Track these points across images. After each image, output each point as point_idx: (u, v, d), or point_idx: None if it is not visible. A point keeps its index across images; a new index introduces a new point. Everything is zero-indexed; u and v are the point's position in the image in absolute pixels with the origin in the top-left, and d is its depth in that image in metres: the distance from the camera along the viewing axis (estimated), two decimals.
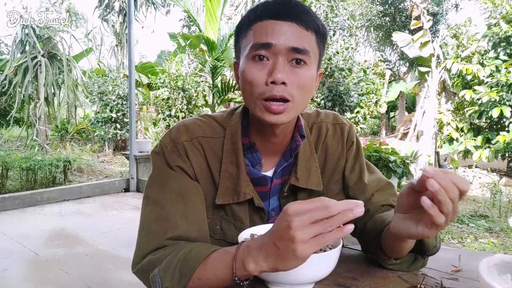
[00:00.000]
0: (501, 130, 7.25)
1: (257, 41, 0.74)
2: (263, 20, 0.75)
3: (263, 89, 0.74)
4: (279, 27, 0.73)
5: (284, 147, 0.87)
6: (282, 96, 0.73)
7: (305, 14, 0.75)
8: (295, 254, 0.56)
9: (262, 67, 0.74)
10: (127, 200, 5.14)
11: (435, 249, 0.80)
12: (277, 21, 0.74)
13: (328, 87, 7.12)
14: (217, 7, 7.43)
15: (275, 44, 0.73)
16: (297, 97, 0.75)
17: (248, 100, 0.78)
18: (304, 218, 0.55)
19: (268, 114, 0.75)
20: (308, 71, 0.76)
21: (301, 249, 0.55)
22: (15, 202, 4.54)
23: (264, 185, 0.87)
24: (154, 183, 0.83)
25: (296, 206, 0.56)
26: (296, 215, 0.55)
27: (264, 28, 0.74)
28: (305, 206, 0.56)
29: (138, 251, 0.78)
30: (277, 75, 0.72)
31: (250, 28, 0.77)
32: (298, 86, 0.75)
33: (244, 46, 0.78)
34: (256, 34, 0.75)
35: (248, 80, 0.75)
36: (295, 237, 0.55)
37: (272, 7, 0.75)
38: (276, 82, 0.72)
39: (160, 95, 7.95)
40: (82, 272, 2.79)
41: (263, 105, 0.75)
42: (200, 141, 0.85)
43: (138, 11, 12.77)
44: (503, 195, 4.96)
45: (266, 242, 0.60)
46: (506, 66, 7.30)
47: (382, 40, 14.31)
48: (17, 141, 9.08)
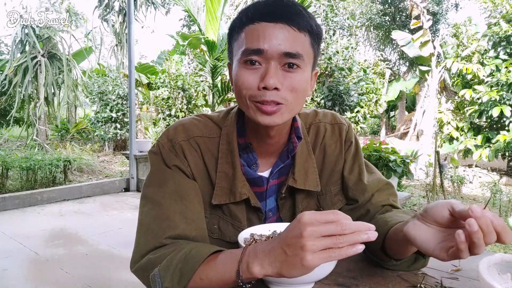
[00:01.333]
0: (501, 130, 7.26)
1: (249, 47, 0.73)
2: (254, 22, 0.73)
3: (255, 93, 0.73)
4: (271, 31, 0.72)
5: (280, 148, 0.87)
6: (274, 101, 0.73)
7: (297, 15, 0.73)
8: (302, 263, 0.56)
9: (254, 71, 0.73)
10: (127, 199, 5.14)
11: None
12: (268, 23, 0.72)
13: (328, 86, 7.12)
14: (218, 7, 7.43)
15: (266, 49, 0.71)
16: (291, 100, 0.75)
17: (240, 102, 0.78)
18: (317, 229, 0.55)
19: (260, 115, 0.74)
20: (302, 74, 0.75)
21: (309, 258, 0.55)
22: (15, 202, 4.54)
23: (261, 186, 0.86)
24: (152, 182, 0.83)
25: (310, 216, 0.56)
26: (310, 224, 0.55)
27: (255, 32, 0.73)
28: (320, 217, 0.56)
29: (137, 250, 0.78)
30: (269, 80, 0.71)
31: (241, 31, 0.75)
32: (292, 90, 0.74)
33: (236, 49, 0.77)
34: (248, 39, 0.73)
35: (240, 83, 0.75)
36: (305, 246, 0.55)
37: (263, 8, 0.74)
38: (268, 88, 0.72)
39: (160, 94, 7.96)
40: (82, 271, 2.79)
41: (255, 106, 0.74)
42: (197, 140, 0.85)
43: (138, 10, 12.76)
44: (503, 195, 4.95)
45: (275, 247, 0.60)
46: (506, 65, 7.30)
47: (382, 40, 14.30)
48: (17, 141, 9.08)
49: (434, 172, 4.96)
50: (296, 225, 0.57)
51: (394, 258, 0.79)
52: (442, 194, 4.82)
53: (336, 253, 0.55)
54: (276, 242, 0.60)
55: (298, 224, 0.57)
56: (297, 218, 0.58)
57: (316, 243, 0.55)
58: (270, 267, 0.60)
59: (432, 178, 5.04)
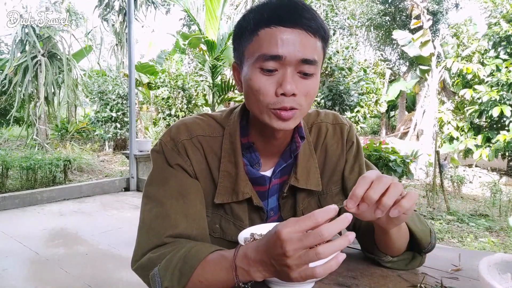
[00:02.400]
0: (501, 129, 7.26)
1: (266, 52, 0.71)
2: (271, 26, 0.71)
3: (273, 100, 0.73)
4: (288, 36, 0.70)
5: (283, 148, 0.87)
6: (292, 107, 0.73)
7: (313, 20, 0.72)
8: (290, 278, 0.58)
9: (271, 77, 0.73)
10: (127, 199, 5.14)
11: (430, 245, 0.81)
12: (286, 28, 0.71)
13: (328, 86, 7.12)
14: (217, 6, 7.42)
15: (285, 56, 0.70)
16: (304, 105, 0.75)
17: (254, 107, 0.77)
18: (298, 246, 0.55)
19: (276, 121, 0.74)
20: (315, 80, 0.75)
21: (294, 276, 0.57)
22: (15, 201, 4.54)
23: (263, 185, 0.87)
24: (154, 181, 0.84)
25: (288, 231, 0.56)
26: (289, 241, 0.55)
27: (273, 37, 0.71)
28: (298, 228, 0.56)
29: (138, 249, 0.78)
30: (287, 86, 0.71)
31: (256, 34, 0.73)
32: (306, 95, 0.74)
33: (250, 52, 0.74)
34: (265, 44, 0.71)
35: (255, 89, 0.73)
36: (289, 265, 0.56)
37: (280, 11, 0.72)
38: (286, 94, 0.71)
39: (160, 94, 7.95)
40: (82, 271, 2.79)
41: (273, 113, 0.74)
42: (200, 140, 0.85)
43: (138, 10, 12.77)
44: (503, 194, 4.95)
45: (263, 259, 0.61)
46: (507, 65, 7.30)
47: (382, 40, 14.30)
48: (17, 141, 9.08)
49: (434, 172, 4.97)
50: (276, 241, 0.57)
51: (389, 254, 0.81)
52: (442, 194, 4.82)
53: (320, 269, 0.56)
54: (264, 255, 0.61)
55: (278, 242, 0.56)
56: (276, 232, 0.57)
57: (299, 261, 0.56)
58: (266, 273, 0.62)
59: (432, 178, 5.04)
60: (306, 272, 0.56)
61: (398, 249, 0.80)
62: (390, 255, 0.81)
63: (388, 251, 0.80)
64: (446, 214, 4.39)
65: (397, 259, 0.81)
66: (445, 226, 4.03)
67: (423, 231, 0.80)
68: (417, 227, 0.79)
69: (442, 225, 4.05)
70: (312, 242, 0.55)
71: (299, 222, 0.56)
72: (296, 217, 0.59)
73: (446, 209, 4.56)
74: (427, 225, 0.83)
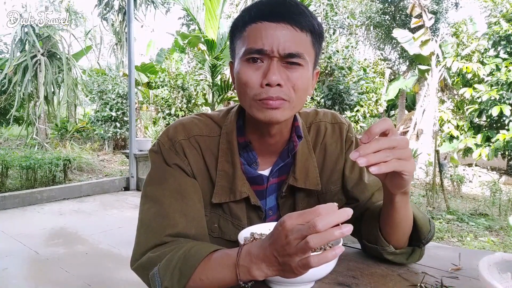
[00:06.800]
0: (501, 129, 7.25)
1: (251, 46, 0.73)
2: (256, 22, 0.73)
3: (258, 91, 0.74)
4: (273, 31, 0.72)
5: (281, 147, 0.87)
6: (278, 98, 0.73)
7: (300, 15, 0.74)
8: (293, 272, 0.58)
9: (256, 68, 0.74)
10: (127, 198, 5.14)
11: (430, 234, 0.82)
12: (271, 23, 0.72)
13: (328, 85, 7.12)
14: (217, 6, 7.42)
15: (268, 50, 0.72)
16: (294, 98, 0.75)
17: (243, 100, 0.78)
18: (297, 235, 0.55)
19: (263, 111, 0.74)
20: (303, 73, 0.75)
21: (295, 266, 0.57)
22: (15, 200, 4.54)
23: (260, 184, 0.87)
24: (152, 181, 0.84)
25: (292, 222, 0.57)
26: (292, 231, 0.56)
27: (258, 31, 0.73)
28: (301, 220, 0.56)
29: (137, 248, 0.78)
30: (272, 77, 0.71)
31: (244, 30, 0.76)
32: (294, 87, 0.74)
33: (239, 48, 0.77)
34: (250, 38, 0.74)
35: (243, 81, 0.75)
36: (291, 254, 0.57)
37: (266, 8, 0.74)
38: (271, 84, 0.72)
39: (159, 94, 7.95)
40: (82, 270, 2.79)
41: (259, 104, 0.74)
42: (197, 139, 0.85)
43: (137, 9, 12.76)
44: (503, 194, 4.96)
45: (267, 255, 0.61)
46: (506, 64, 7.30)
47: (382, 39, 14.29)
48: (17, 140, 9.09)
49: (434, 171, 4.96)
50: (281, 232, 0.58)
51: (392, 243, 0.81)
52: (442, 193, 4.83)
53: (315, 259, 0.56)
54: (267, 249, 0.61)
55: (283, 232, 0.57)
56: (281, 223, 0.58)
57: (296, 250, 0.56)
58: (268, 271, 0.62)
59: (432, 177, 5.04)
60: (303, 261, 0.56)
61: (402, 235, 0.80)
62: (393, 244, 0.81)
63: (392, 238, 0.81)
64: (446, 214, 4.39)
65: (399, 251, 0.82)
66: (445, 225, 4.03)
67: (423, 218, 0.82)
68: (418, 213, 0.82)
69: (442, 224, 4.06)
70: (307, 232, 0.54)
71: (303, 215, 0.57)
72: None
73: (446, 209, 4.56)
74: (426, 215, 0.85)
